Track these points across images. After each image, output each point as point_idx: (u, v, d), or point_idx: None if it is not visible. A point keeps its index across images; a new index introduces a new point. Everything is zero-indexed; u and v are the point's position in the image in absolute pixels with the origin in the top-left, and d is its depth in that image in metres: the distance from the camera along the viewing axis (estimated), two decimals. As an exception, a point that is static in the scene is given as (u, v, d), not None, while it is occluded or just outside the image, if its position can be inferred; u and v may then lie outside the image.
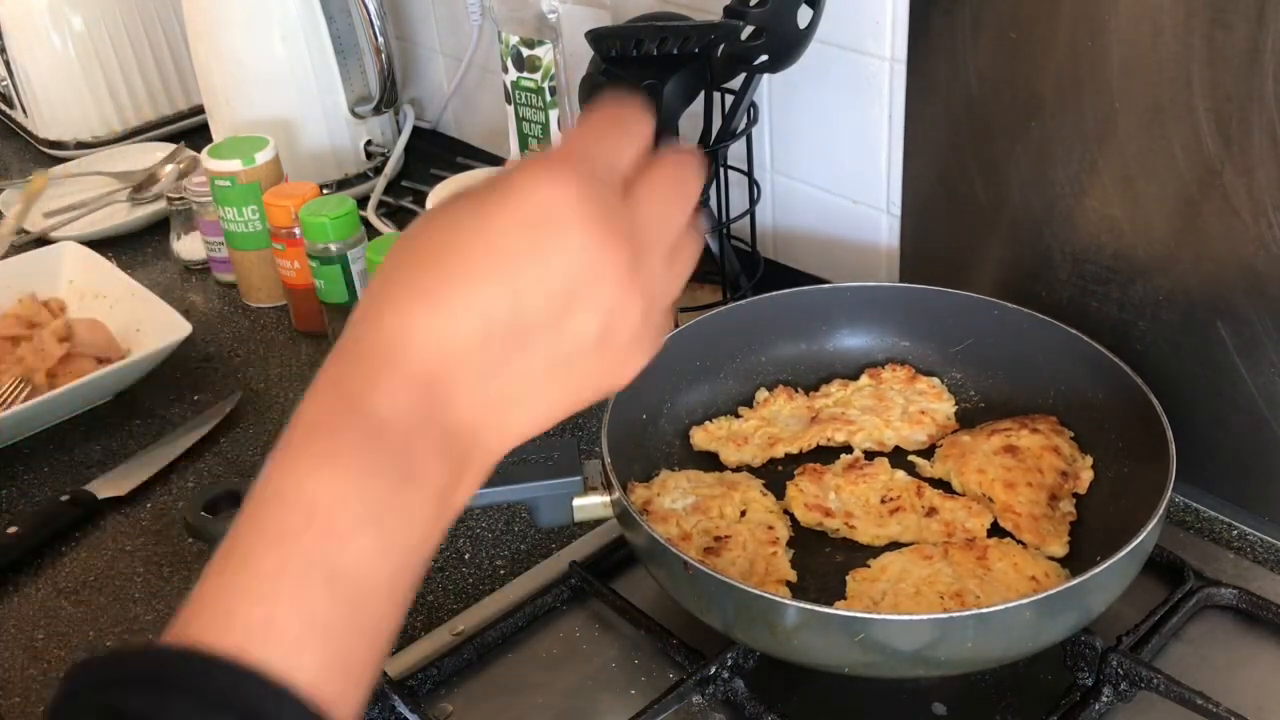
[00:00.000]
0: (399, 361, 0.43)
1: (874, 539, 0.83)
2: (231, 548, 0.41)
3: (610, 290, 0.45)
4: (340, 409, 0.43)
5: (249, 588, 0.40)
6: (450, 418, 0.43)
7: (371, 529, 0.41)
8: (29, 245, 1.37)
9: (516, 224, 0.44)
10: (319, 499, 0.41)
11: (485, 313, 0.43)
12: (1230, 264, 0.81)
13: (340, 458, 0.42)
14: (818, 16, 0.92)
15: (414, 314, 0.43)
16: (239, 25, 1.37)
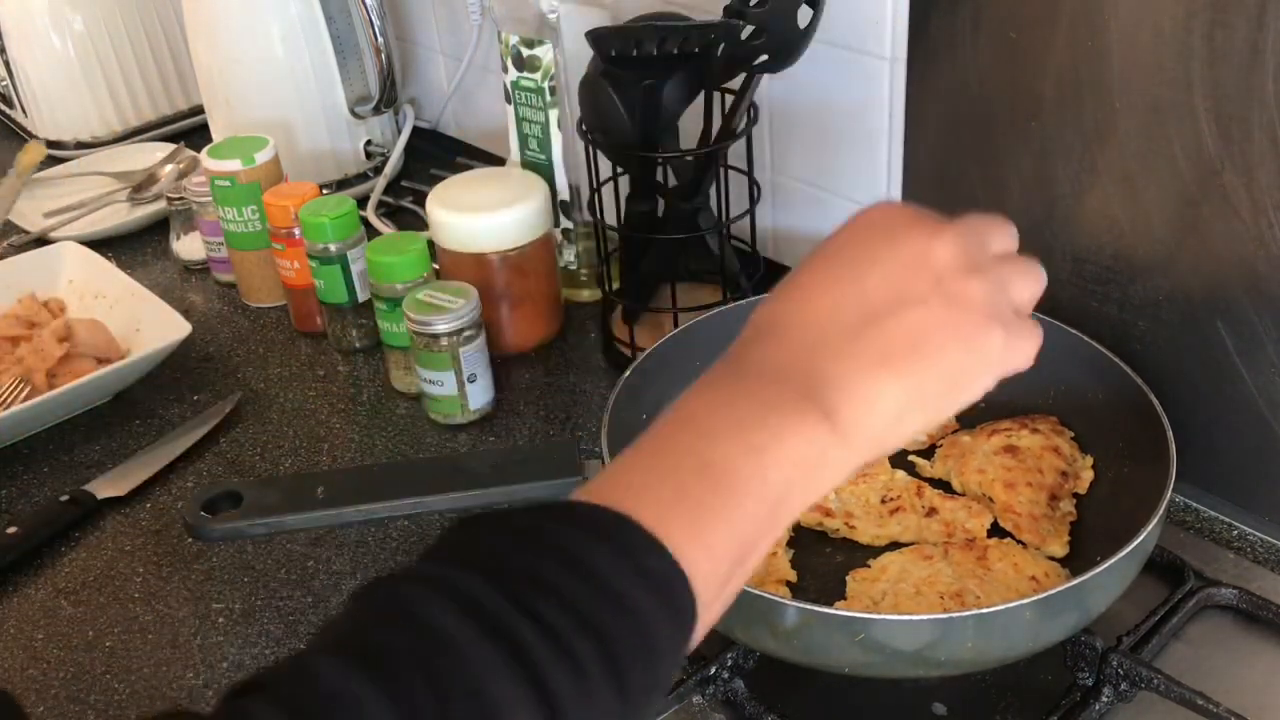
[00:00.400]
0: (772, 328, 0.54)
1: (874, 539, 0.83)
2: (629, 450, 0.50)
3: (938, 267, 0.53)
4: (727, 359, 0.53)
5: (636, 464, 0.49)
6: (820, 368, 0.51)
7: (737, 435, 0.49)
8: (29, 245, 1.37)
9: (855, 235, 0.55)
10: (697, 408, 0.51)
11: (852, 295, 0.53)
12: (1230, 264, 0.81)
13: (717, 383, 0.52)
14: (818, 16, 0.92)
15: (784, 300, 0.54)
16: (239, 25, 1.37)
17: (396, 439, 1.08)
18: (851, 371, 0.51)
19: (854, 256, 0.54)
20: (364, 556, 0.94)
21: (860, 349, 0.52)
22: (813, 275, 0.55)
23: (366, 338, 1.19)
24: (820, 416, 0.50)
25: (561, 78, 1.15)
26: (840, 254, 0.55)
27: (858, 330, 0.52)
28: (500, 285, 1.12)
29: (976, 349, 0.53)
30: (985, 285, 0.53)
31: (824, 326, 0.52)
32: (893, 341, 0.52)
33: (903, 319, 0.52)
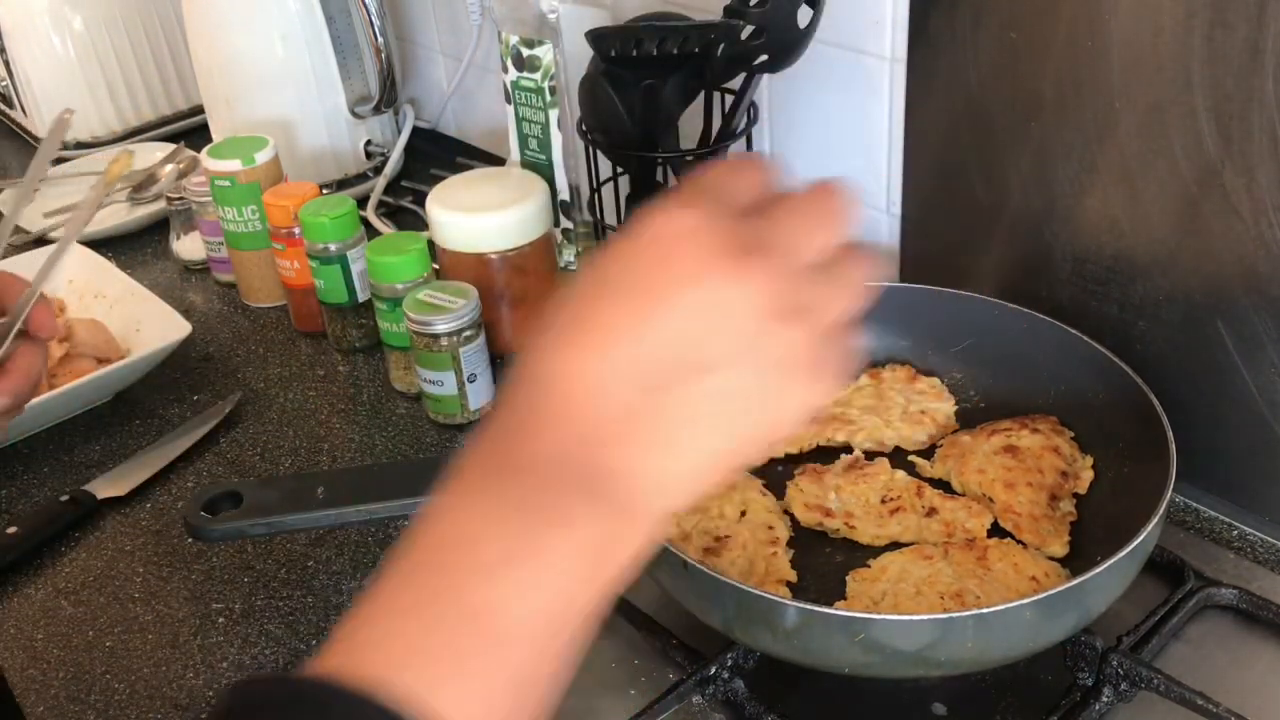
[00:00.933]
0: (544, 407, 0.43)
1: (874, 539, 0.83)
2: (380, 584, 0.41)
3: (745, 320, 0.42)
4: (489, 451, 0.44)
5: (392, 620, 0.40)
6: (597, 461, 0.42)
7: (512, 568, 0.41)
8: (29, 245, 1.37)
9: (636, 264, 0.43)
10: (461, 533, 0.41)
11: (627, 360, 0.43)
12: (1230, 264, 0.81)
13: (484, 495, 0.42)
14: (818, 16, 0.92)
15: (556, 362, 0.44)
16: (239, 25, 1.37)
17: (396, 439, 1.08)
18: (635, 459, 0.43)
19: (631, 300, 0.43)
20: (364, 556, 0.94)
21: (647, 426, 0.43)
22: (584, 323, 0.44)
23: (366, 338, 1.19)
24: (602, 514, 0.42)
25: (561, 78, 1.15)
26: (617, 293, 0.43)
27: (646, 399, 0.42)
28: (500, 285, 1.12)
29: (797, 415, 0.44)
30: (803, 331, 0.43)
31: (597, 406, 0.43)
32: (688, 419, 0.43)
33: (703, 385, 0.43)
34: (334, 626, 0.41)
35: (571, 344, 0.44)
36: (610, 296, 0.44)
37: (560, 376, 0.43)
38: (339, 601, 0.90)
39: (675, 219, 0.43)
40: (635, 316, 0.43)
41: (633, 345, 0.43)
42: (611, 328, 0.43)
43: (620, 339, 0.43)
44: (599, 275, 0.45)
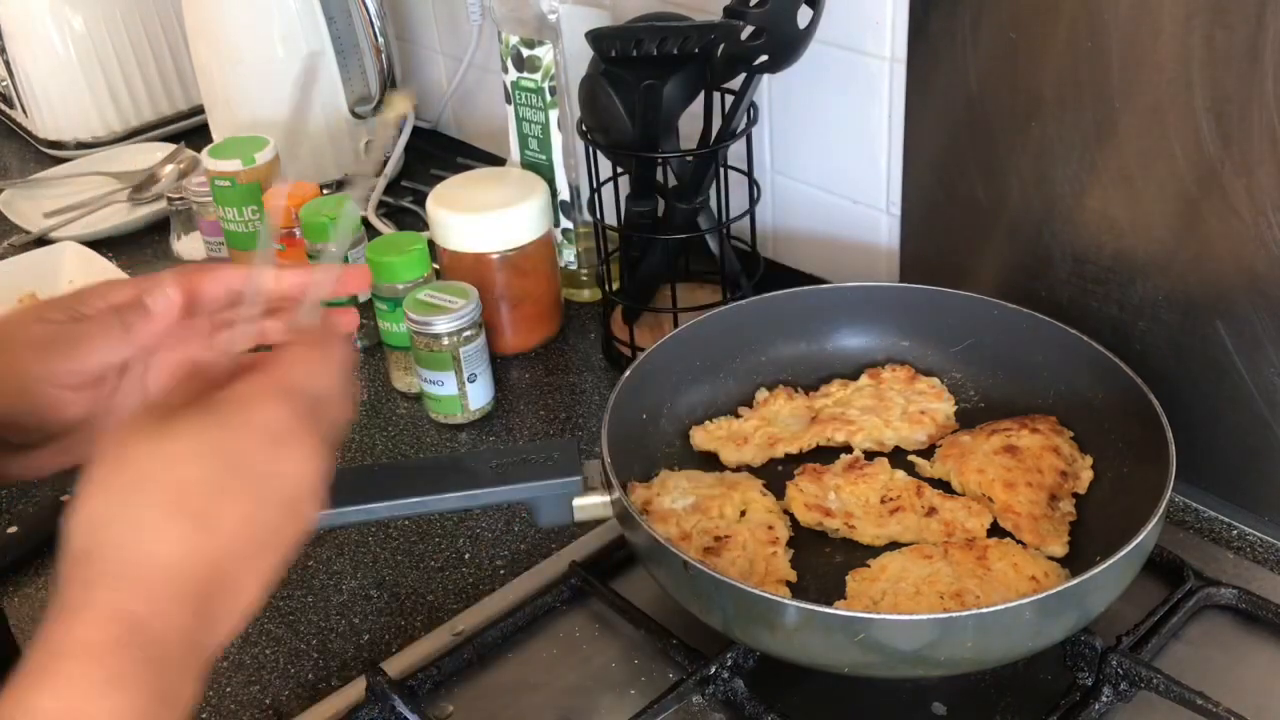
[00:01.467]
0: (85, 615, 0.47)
1: (874, 539, 0.83)
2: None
3: (294, 477, 0.52)
4: (57, 628, 0.46)
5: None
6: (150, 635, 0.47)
7: None
8: (29, 245, 1.37)
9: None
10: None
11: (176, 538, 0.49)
12: (1230, 264, 0.81)
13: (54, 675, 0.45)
14: (818, 16, 0.92)
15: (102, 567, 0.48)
16: (239, 25, 1.37)
17: (396, 439, 1.08)
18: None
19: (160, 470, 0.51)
20: (364, 556, 0.94)
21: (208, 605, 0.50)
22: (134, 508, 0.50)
23: (366, 338, 1.19)
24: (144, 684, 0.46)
25: (561, 78, 1.15)
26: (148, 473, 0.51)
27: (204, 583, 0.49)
28: (500, 285, 1.12)
29: (312, 518, 0.54)
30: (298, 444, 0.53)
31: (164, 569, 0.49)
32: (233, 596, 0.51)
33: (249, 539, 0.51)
34: None
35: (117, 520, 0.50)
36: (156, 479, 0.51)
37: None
38: (339, 601, 0.90)
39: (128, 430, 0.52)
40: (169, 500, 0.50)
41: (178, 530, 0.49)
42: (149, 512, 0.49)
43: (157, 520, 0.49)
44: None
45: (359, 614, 0.89)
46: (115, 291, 0.65)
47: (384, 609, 0.89)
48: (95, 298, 0.65)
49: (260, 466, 0.51)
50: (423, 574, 0.92)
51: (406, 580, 0.92)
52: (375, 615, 0.89)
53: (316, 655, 0.86)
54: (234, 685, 0.84)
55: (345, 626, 0.88)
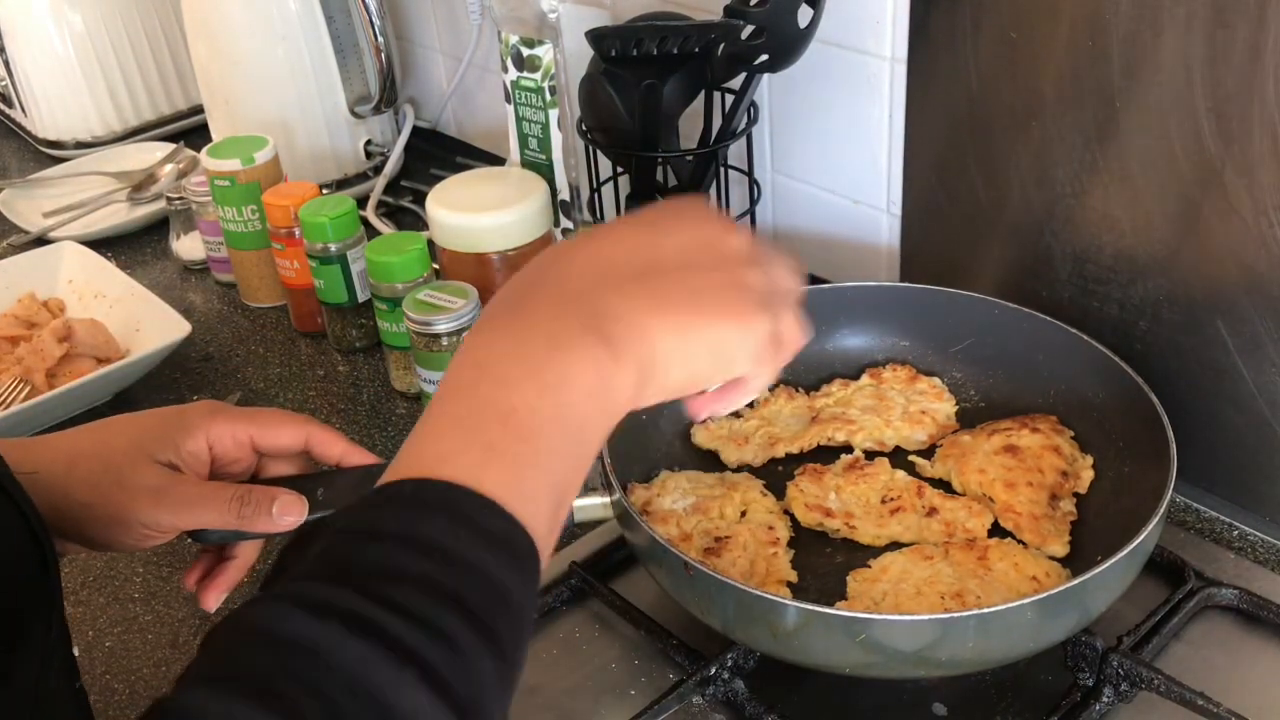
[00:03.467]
0: (561, 257, 0.57)
1: (874, 539, 0.83)
2: (429, 408, 0.52)
3: (723, 255, 0.57)
4: (508, 300, 0.56)
5: (442, 428, 0.51)
6: (594, 303, 0.53)
7: (532, 378, 0.51)
8: (29, 245, 1.37)
9: (661, 211, 0.59)
10: (490, 353, 0.52)
11: (633, 246, 0.56)
12: (1230, 264, 0.81)
13: (505, 322, 0.54)
14: (818, 16, 0.92)
15: (582, 240, 0.58)
16: (239, 25, 1.37)
17: (396, 439, 1.08)
18: (628, 308, 0.54)
19: (656, 223, 0.58)
20: (364, 556, 0.94)
21: (641, 290, 0.54)
22: (613, 229, 0.59)
23: (366, 338, 1.19)
24: (603, 345, 0.52)
25: (561, 78, 1.15)
26: (643, 220, 0.59)
27: (643, 275, 0.55)
28: (500, 285, 1.12)
29: (744, 327, 0.56)
30: (762, 278, 0.57)
31: (613, 266, 0.55)
32: (672, 292, 0.55)
33: (686, 278, 0.55)
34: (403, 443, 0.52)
35: (601, 236, 0.58)
36: (635, 222, 0.59)
37: (590, 247, 0.57)
38: (339, 602, 0.90)
39: (694, 201, 0.60)
40: (656, 232, 0.57)
41: (650, 241, 0.56)
42: (635, 234, 0.57)
43: (641, 238, 0.57)
44: (627, 216, 0.61)
45: (359, 614, 0.89)
46: (222, 433, 0.69)
47: (384, 609, 0.89)
48: (200, 432, 0.68)
49: (651, 215, 0.59)
50: (423, 574, 0.92)
51: (406, 580, 0.92)
52: (375, 615, 0.89)
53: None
54: (234, 686, 0.84)
55: (345, 627, 0.88)
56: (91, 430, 0.69)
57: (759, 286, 0.57)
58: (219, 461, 0.70)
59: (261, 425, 0.70)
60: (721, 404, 0.60)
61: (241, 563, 0.72)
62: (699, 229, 0.58)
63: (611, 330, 0.53)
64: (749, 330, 0.56)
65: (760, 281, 0.57)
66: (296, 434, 0.71)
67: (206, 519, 0.67)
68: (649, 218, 0.59)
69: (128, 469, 0.66)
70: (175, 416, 0.69)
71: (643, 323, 0.53)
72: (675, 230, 0.57)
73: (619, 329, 0.53)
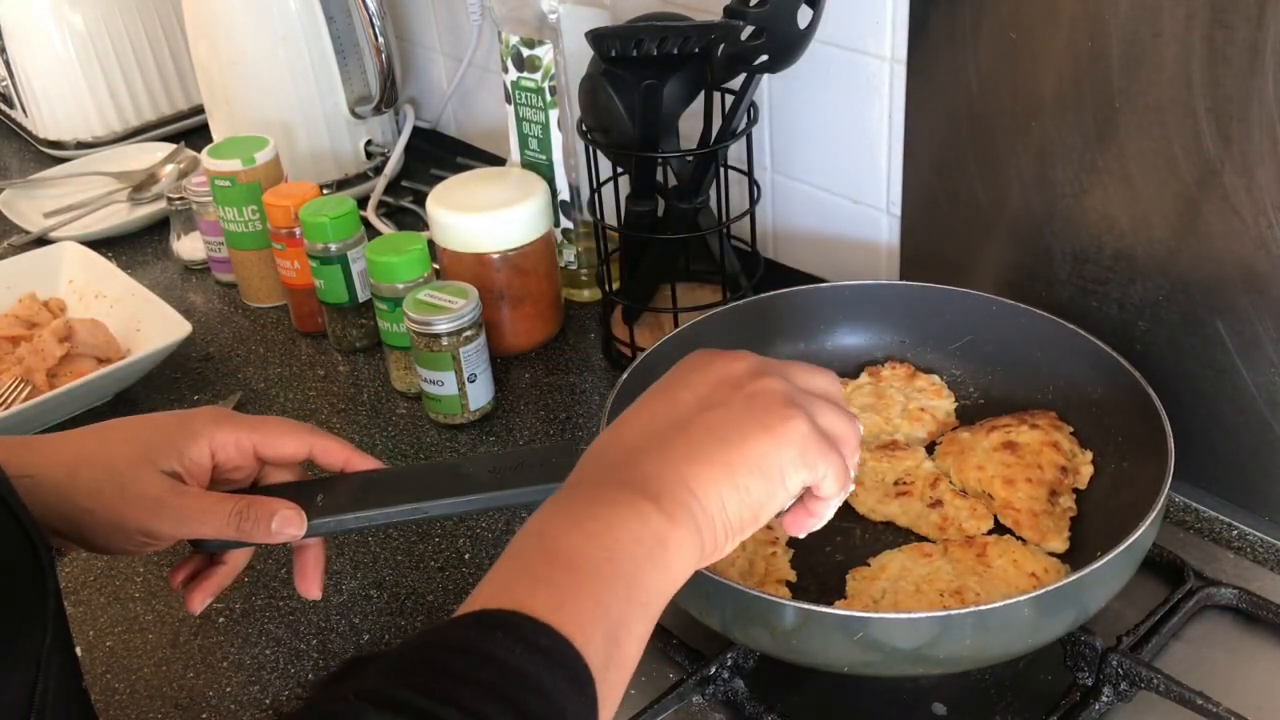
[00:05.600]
0: (600, 450, 0.60)
1: (870, 512, 0.84)
2: (492, 568, 0.53)
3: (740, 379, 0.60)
4: (564, 486, 0.58)
5: (497, 573, 0.53)
6: (635, 472, 0.56)
7: (574, 527, 0.54)
8: (29, 245, 1.38)
9: (673, 373, 0.62)
10: (538, 522, 0.54)
11: (654, 413, 0.60)
12: (1230, 264, 0.81)
13: (553, 502, 0.56)
14: (818, 16, 0.92)
15: (613, 428, 0.61)
16: (239, 25, 1.37)
17: (396, 439, 1.08)
18: (665, 468, 0.56)
19: (669, 385, 0.61)
20: (364, 557, 0.94)
21: (670, 449, 0.57)
22: (637, 407, 0.61)
23: (366, 338, 1.19)
24: (645, 500, 0.54)
25: (561, 78, 1.15)
26: (659, 387, 0.61)
27: (667, 435, 0.57)
28: (500, 285, 1.12)
29: (778, 434, 0.57)
30: (779, 382, 0.59)
31: (640, 438, 0.58)
32: (699, 437, 0.57)
33: (705, 419, 0.58)
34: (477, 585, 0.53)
35: (627, 418, 0.61)
36: (654, 393, 0.62)
37: (619, 431, 0.60)
38: (339, 601, 0.90)
39: (703, 351, 0.63)
40: (670, 392, 0.60)
41: (667, 403, 0.60)
42: (653, 403, 0.60)
43: (659, 404, 0.60)
44: (647, 390, 0.62)
45: (359, 614, 0.89)
46: (225, 441, 0.69)
47: (384, 609, 0.89)
48: (203, 440, 0.68)
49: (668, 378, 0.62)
50: (422, 574, 0.92)
51: (406, 580, 0.92)
52: (375, 615, 0.89)
53: (316, 655, 0.86)
54: (234, 685, 0.84)
55: (345, 626, 0.88)
56: (95, 433, 0.69)
57: (779, 391, 0.58)
58: (221, 469, 0.69)
59: (265, 434, 0.70)
60: (808, 518, 0.61)
61: (230, 569, 0.72)
62: (707, 371, 0.60)
63: (654, 489, 0.55)
64: (783, 437, 0.57)
65: (779, 387, 0.59)
66: (300, 444, 0.71)
67: (206, 531, 0.67)
68: (663, 385, 0.61)
69: (129, 477, 0.66)
70: (178, 423, 0.69)
71: (680, 476, 0.55)
72: (687, 384, 0.60)
73: (662, 488, 0.55)
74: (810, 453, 0.57)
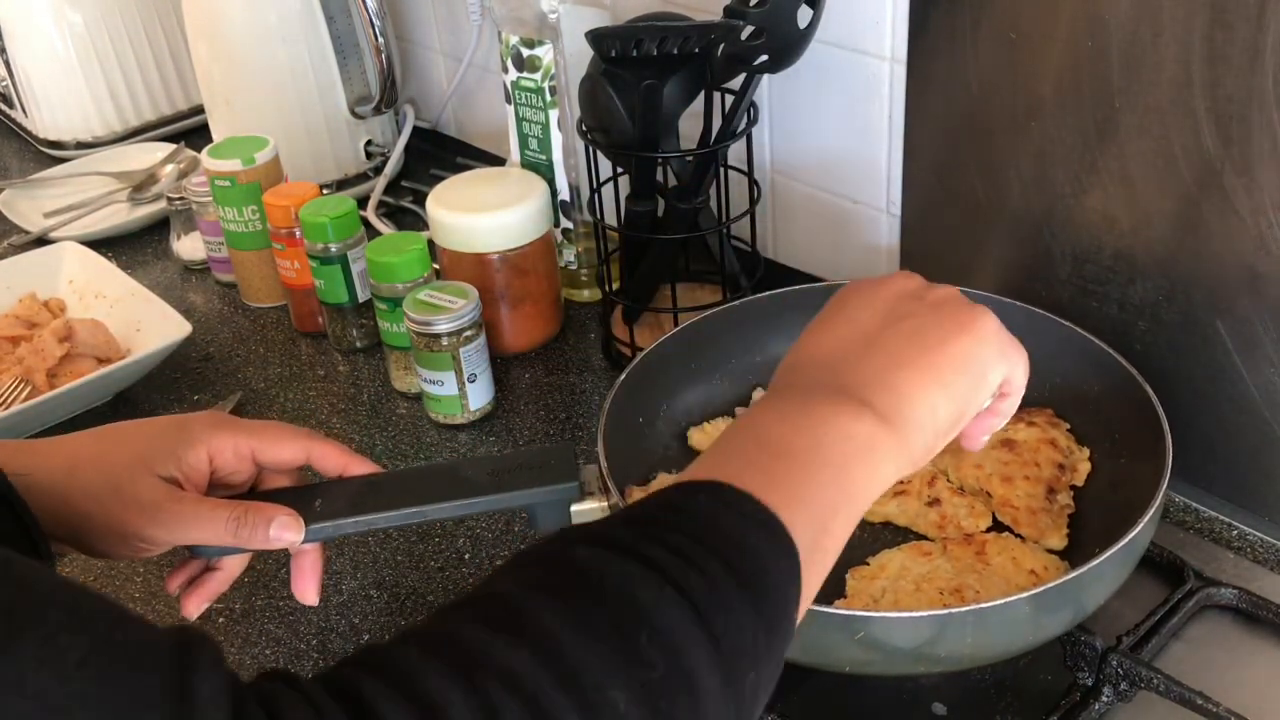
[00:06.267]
0: (790, 370, 0.61)
1: (868, 512, 0.83)
2: (719, 444, 0.56)
3: (913, 292, 0.62)
4: (762, 400, 0.60)
5: (705, 458, 0.56)
6: (839, 380, 0.58)
7: (786, 422, 0.56)
8: (29, 245, 1.37)
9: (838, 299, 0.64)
10: (747, 421, 0.57)
11: (839, 335, 0.61)
12: (1230, 264, 0.81)
13: (757, 407, 0.58)
14: (818, 16, 0.92)
15: (795, 352, 0.62)
16: (239, 25, 1.37)
17: (396, 439, 1.08)
18: (871, 376, 0.58)
19: (842, 309, 0.63)
20: (364, 557, 0.94)
21: (871, 358, 0.59)
22: (813, 332, 0.62)
23: (366, 338, 1.19)
24: (859, 405, 0.56)
25: (561, 78, 1.15)
26: (831, 312, 0.63)
27: (864, 350, 0.59)
28: (500, 285, 1.12)
29: (975, 331, 0.60)
30: (952, 291, 0.62)
31: (835, 356, 0.60)
32: (897, 347, 0.59)
33: (899, 329, 0.60)
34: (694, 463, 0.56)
35: (807, 342, 0.63)
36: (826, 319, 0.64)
37: (806, 355, 0.62)
38: (339, 601, 0.90)
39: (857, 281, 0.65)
40: (847, 314, 0.62)
41: (849, 324, 0.61)
42: (833, 326, 0.62)
43: (840, 326, 0.62)
44: (816, 317, 0.64)
45: (359, 614, 0.89)
46: (223, 446, 0.69)
47: (384, 609, 0.89)
48: (201, 446, 0.68)
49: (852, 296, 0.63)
50: (423, 574, 0.92)
51: (406, 580, 0.92)
52: (375, 615, 0.89)
53: (316, 655, 0.86)
54: (234, 685, 0.84)
55: (345, 626, 0.88)
56: (93, 437, 0.69)
57: (959, 297, 0.61)
58: (219, 473, 0.69)
59: (263, 439, 0.70)
60: (992, 419, 0.63)
61: (226, 575, 0.72)
62: (879, 291, 0.62)
63: (866, 394, 0.57)
64: (980, 334, 0.59)
65: (956, 292, 0.62)
66: (298, 449, 0.70)
67: (203, 537, 0.67)
68: (833, 313, 0.63)
69: (127, 482, 0.66)
70: (176, 428, 0.69)
71: (889, 383, 0.57)
72: (863, 305, 0.62)
73: (872, 393, 0.57)
74: (1006, 345, 0.60)
